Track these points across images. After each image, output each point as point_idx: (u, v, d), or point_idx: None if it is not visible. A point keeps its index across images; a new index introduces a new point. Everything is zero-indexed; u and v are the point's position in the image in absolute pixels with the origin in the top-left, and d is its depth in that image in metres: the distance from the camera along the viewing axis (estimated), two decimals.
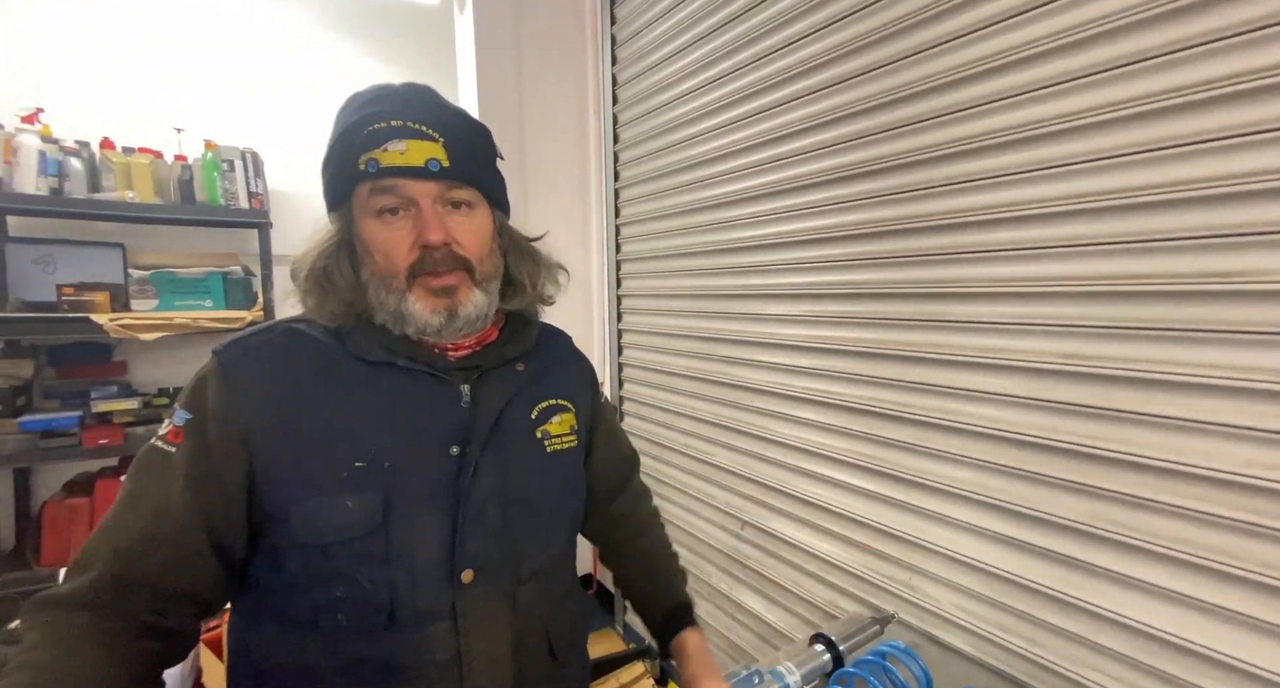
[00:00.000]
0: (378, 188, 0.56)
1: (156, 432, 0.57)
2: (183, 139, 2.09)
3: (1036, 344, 0.83)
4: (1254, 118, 0.63)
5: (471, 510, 0.59)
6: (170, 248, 2.17)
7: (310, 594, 0.55)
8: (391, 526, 0.56)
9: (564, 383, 0.73)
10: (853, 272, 1.10)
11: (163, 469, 0.54)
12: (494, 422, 0.63)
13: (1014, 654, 0.88)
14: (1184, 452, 0.70)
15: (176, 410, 0.57)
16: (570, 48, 1.95)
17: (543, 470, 0.67)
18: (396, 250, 0.57)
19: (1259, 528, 0.65)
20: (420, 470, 0.58)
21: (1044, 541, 0.84)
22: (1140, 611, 0.74)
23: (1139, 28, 0.71)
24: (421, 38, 2.64)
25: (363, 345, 0.60)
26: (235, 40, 2.26)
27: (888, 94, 1.00)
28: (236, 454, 0.55)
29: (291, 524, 0.54)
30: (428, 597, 0.57)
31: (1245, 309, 0.65)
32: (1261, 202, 0.63)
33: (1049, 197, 0.80)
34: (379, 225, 0.58)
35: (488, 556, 0.60)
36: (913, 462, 1.01)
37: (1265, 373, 0.64)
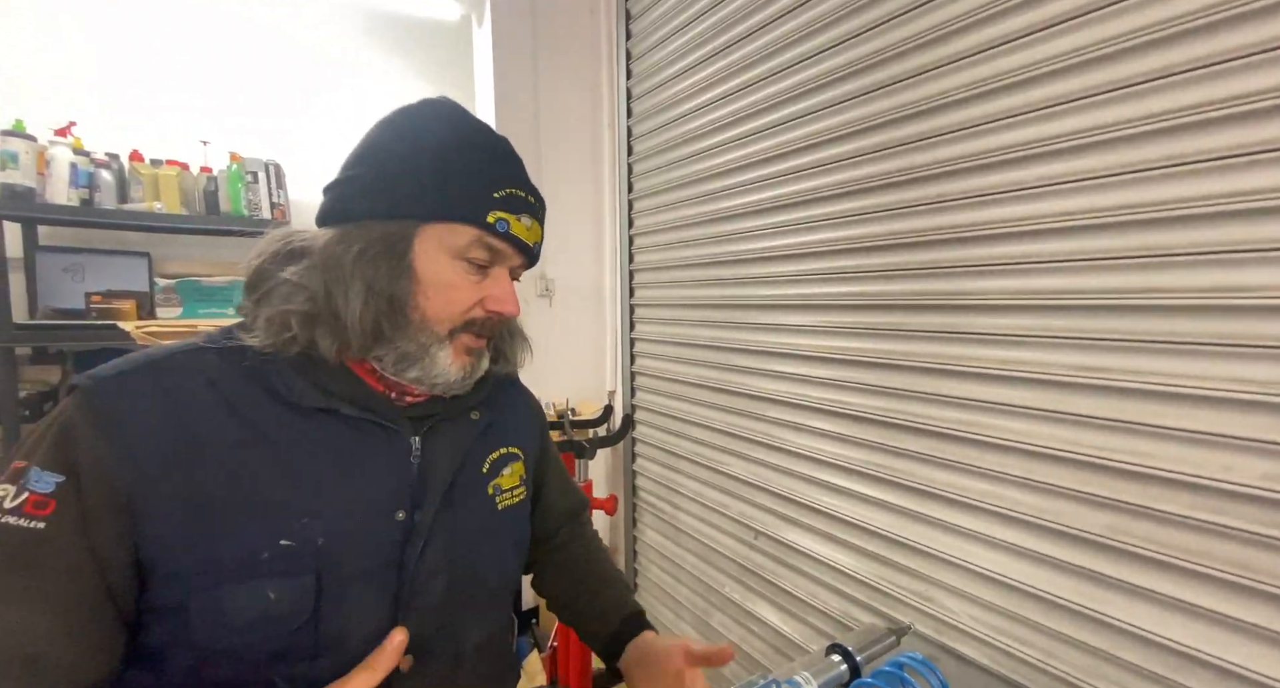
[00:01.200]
0: (488, 243, 0.52)
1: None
2: (208, 151, 2.15)
3: (1051, 357, 0.84)
4: (1263, 137, 0.64)
5: (415, 587, 0.51)
6: (195, 257, 2.22)
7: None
8: (323, 612, 0.46)
9: (515, 427, 0.68)
10: (867, 283, 1.11)
11: (25, 559, 0.40)
12: (451, 481, 0.56)
13: (1031, 667, 0.87)
14: (1201, 465, 0.70)
15: (31, 470, 0.42)
16: (586, 61, 1.99)
17: (493, 534, 0.61)
18: (461, 301, 0.53)
19: (1278, 541, 0.65)
20: (362, 543, 0.49)
21: (1061, 553, 0.84)
22: (1158, 624, 0.74)
23: (1148, 48, 0.72)
24: (441, 51, 2.70)
25: (296, 387, 0.49)
26: (259, 55, 2.33)
27: (903, 109, 1.02)
28: (117, 529, 0.42)
29: (189, 620, 0.43)
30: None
31: (1260, 323, 0.66)
32: (1275, 218, 0.64)
33: (1064, 211, 0.81)
34: (459, 269, 0.52)
35: (428, 637, 0.52)
36: (927, 473, 1.02)
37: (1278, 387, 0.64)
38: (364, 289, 0.49)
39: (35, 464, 0.42)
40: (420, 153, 0.52)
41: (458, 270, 0.52)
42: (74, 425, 0.43)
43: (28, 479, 0.42)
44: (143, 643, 0.45)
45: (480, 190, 0.51)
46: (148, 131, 2.13)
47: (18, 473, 0.42)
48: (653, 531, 1.86)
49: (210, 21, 2.24)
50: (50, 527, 0.41)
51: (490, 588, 0.60)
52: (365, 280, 0.49)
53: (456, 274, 0.52)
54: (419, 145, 0.52)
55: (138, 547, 0.43)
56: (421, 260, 0.51)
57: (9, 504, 0.41)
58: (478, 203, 0.51)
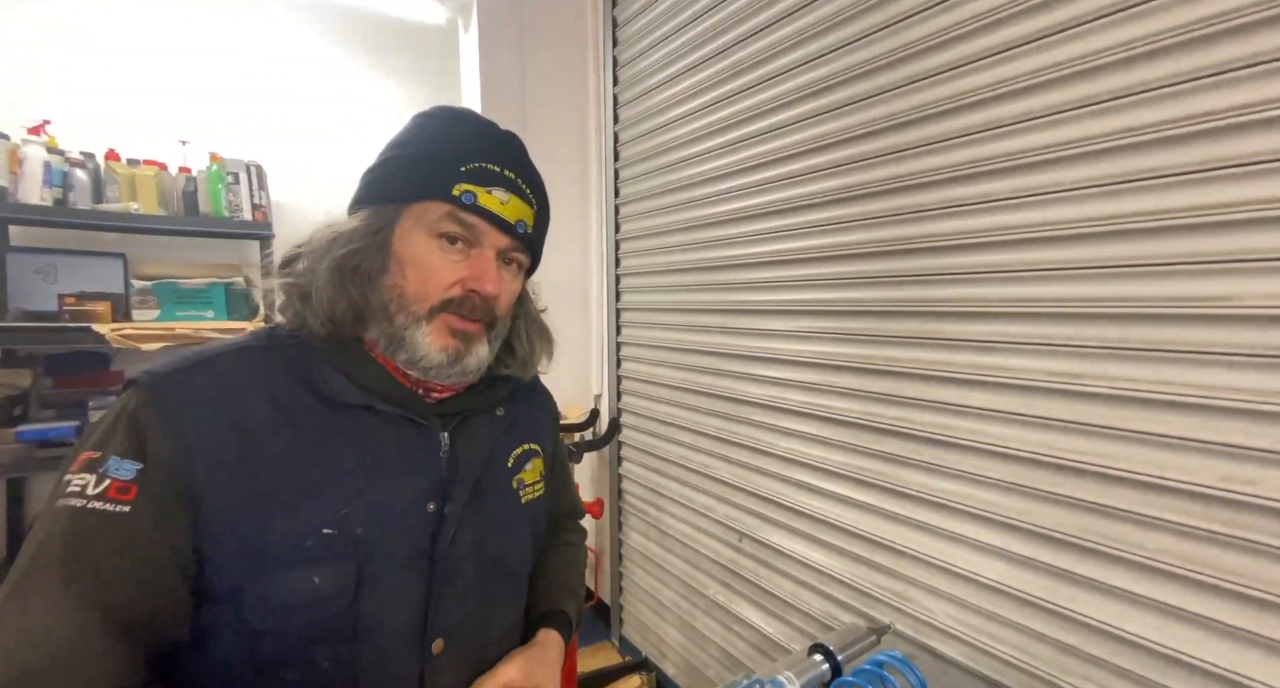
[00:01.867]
0: (457, 216, 0.53)
1: (68, 491, 0.44)
2: (188, 152, 2.12)
3: (1026, 362, 0.87)
4: (1235, 152, 0.68)
5: (447, 574, 0.55)
6: (173, 259, 2.18)
7: (253, 683, 0.48)
8: (363, 597, 0.50)
9: (535, 424, 0.70)
10: (850, 290, 1.14)
11: (115, 541, 0.43)
12: (479, 475, 0.59)
13: (1007, 664, 0.90)
14: (1166, 467, 0.74)
15: (110, 459, 0.45)
16: (572, 67, 2.00)
17: (516, 526, 0.64)
18: (438, 278, 0.53)
19: (1237, 540, 0.68)
20: (396, 533, 0.52)
21: (1034, 552, 0.86)
22: (1127, 620, 0.77)
23: (1128, 64, 0.75)
24: (428, 55, 2.68)
25: (335, 385, 0.52)
26: (241, 55, 2.30)
27: (886, 120, 1.04)
28: (183, 516, 0.46)
29: (243, 604, 0.46)
30: (395, 672, 0.52)
31: (1225, 332, 0.69)
32: (1243, 230, 0.67)
33: (1040, 221, 0.84)
34: (433, 246, 0.53)
35: (459, 622, 0.56)
36: (908, 475, 1.04)
37: (1243, 392, 0.67)
38: (332, 267, 0.52)
39: (113, 454, 0.45)
40: (408, 144, 0.55)
41: (433, 248, 0.53)
42: (143, 418, 0.46)
43: (107, 468, 0.45)
44: (195, 622, 0.48)
45: (447, 165, 0.53)
46: (125, 131, 2.08)
47: (94, 463, 0.45)
48: (638, 534, 1.87)
49: (191, 20, 2.20)
50: (134, 510, 0.44)
51: (514, 577, 0.64)
52: (335, 259, 0.52)
53: (432, 252, 0.53)
54: (411, 138, 0.56)
55: (196, 533, 0.46)
56: (400, 240, 0.53)
57: (92, 491, 0.44)
58: (444, 177, 0.52)
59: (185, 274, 2.10)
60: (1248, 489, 0.67)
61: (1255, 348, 0.67)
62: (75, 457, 0.46)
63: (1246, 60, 0.66)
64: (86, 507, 0.43)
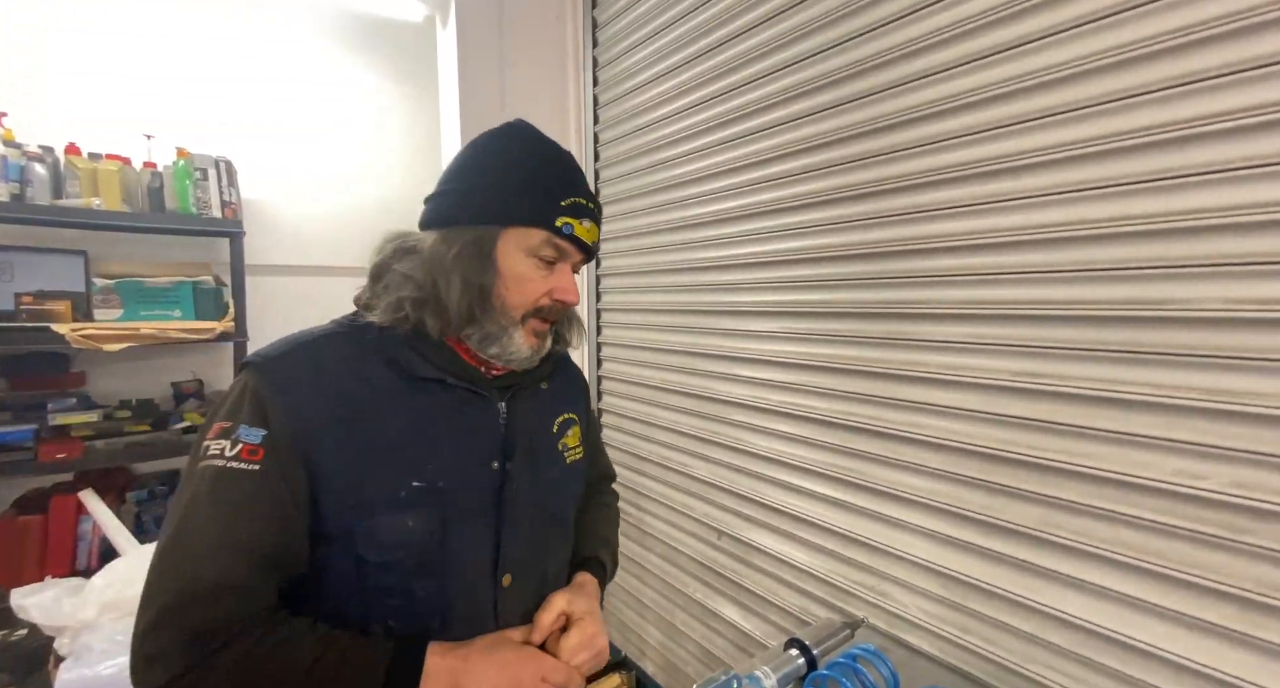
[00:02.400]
0: (555, 243, 0.64)
1: (209, 454, 0.55)
2: (153, 146, 2.05)
3: (992, 362, 0.90)
4: (1189, 161, 0.71)
5: (511, 521, 0.66)
6: (138, 256, 2.11)
7: (361, 608, 0.59)
8: (449, 537, 0.61)
9: (573, 396, 0.81)
10: (826, 291, 1.16)
11: (250, 492, 0.54)
12: (533, 438, 0.70)
13: (975, 655, 0.93)
14: (1122, 462, 0.77)
15: (240, 428, 0.56)
16: (552, 67, 2.00)
17: (564, 482, 0.75)
18: (533, 291, 0.64)
19: (1188, 532, 0.72)
20: (468, 486, 0.63)
21: (1000, 546, 0.90)
22: (1087, 610, 0.81)
23: (1093, 74, 0.79)
24: (404, 52, 2.65)
25: (414, 362, 0.63)
26: (209, 46, 2.24)
27: (860, 126, 1.07)
28: (301, 475, 0.56)
29: (355, 542, 0.57)
30: (477, 599, 0.63)
31: (1177, 333, 0.73)
32: (1194, 237, 0.71)
33: (1006, 227, 0.87)
34: (531, 264, 0.63)
35: (523, 560, 0.67)
36: (881, 472, 1.07)
37: (1194, 391, 0.71)
38: (461, 281, 0.61)
39: (242, 423, 0.56)
40: (503, 170, 0.64)
41: (530, 266, 0.63)
42: (262, 393, 0.56)
43: (238, 435, 0.55)
44: (312, 559, 0.58)
45: (550, 200, 0.62)
46: (86, 124, 2.02)
47: (227, 431, 0.56)
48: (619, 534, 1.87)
49: (158, 9, 2.14)
50: (262, 468, 0.54)
51: (563, 526, 0.75)
52: (462, 274, 0.61)
53: (530, 269, 0.63)
54: (501, 162, 0.64)
55: (313, 486, 0.56)
56: (503, 258, 0.63)
57: (229, 453, 0.54)
58: (548, 210, 0.62)
59: (151, 272, 2.03)
60: (1198, 483, 0.71)
61: (1205, 349, 0.70)
62: (210, 426, 0.57)
63: (1197, 75, 0.69)
64: (225, 466, 0.54)
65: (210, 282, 2.12)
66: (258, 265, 2.34)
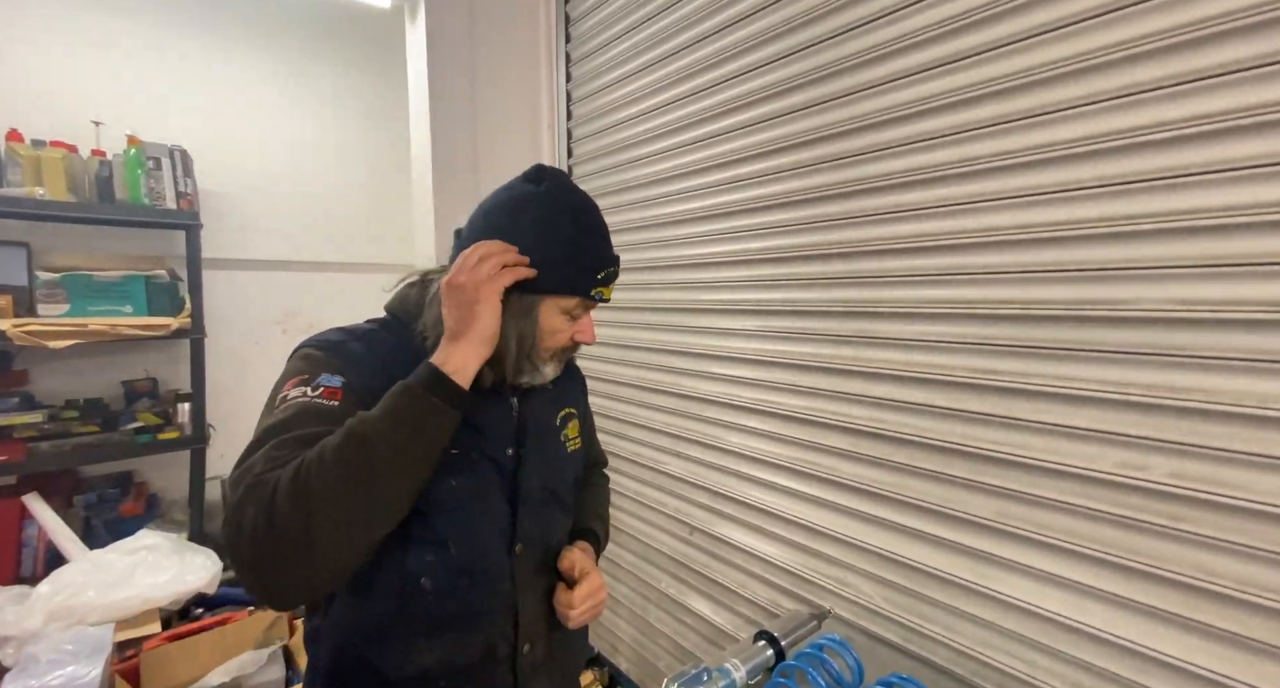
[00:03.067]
0: (586, 305, 0.74)
1: (292, 393, 0.62)
2: (102, 133, 1.96)
3: (953, 360, 0.93)
4: (1137, 168, 0.75)
5: (524, 499, 0.75)
6: (86, 249, 2.01)
7: (402, 560, 0.66)
8: (474, 506, 0.71)
9: (573, 394, 0.91)
10: (796, 290, 1.18)
11: (332, 420, 0.59)
12: (540, 430, 0.79)
13: (934, 641, 0.96)
14: (1071, 455, 0.81)
15: (321, 376, 0.63)
16: (525, 62, 1.97)
17: (566, 468, 0.85)
18: (562, 339, 0.74)
19: (1131, 521, 0.76)
20: (490, 466, 0.73)
21: (959, 536, 0.93)
22: (1039, 597, 0.84)
23: (1051, 82, 0.82)
24: (371, 42, 2.58)
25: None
26: (165, 29, 2.14)
27: (830, 128, 1.09)
28: None
29: None
30: (495, 565, 0.72)
31: (1121, 332, 0.76)
32: (1141, 240, 0.75)
33: (968, 229, 0.91)
34: (562, 320, 0.73)
35: (533, 533, 0.76)
36: (846, 467, 1.10)
37: (1136, 387, 0.75)
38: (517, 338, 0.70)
39: (322, 372, 0.63)
40: (543, 237, 0.69)
41: (562, 321, 0.73)
42: (330, 357, 0.66)
43: (319, 381, 0.63)
44: None
45: (587, 273, 0.72)
46: (29, 109, 1.91)
47: (306, 381, 0.63)
48: None
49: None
50: (341, 406, 0.61)
51: (565, 505, 0.84)
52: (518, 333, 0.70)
53: (561, 323, 0.73)
54: (541, 230, 0.70)
55: None
56: (543, 318, 0.72)
57: (312, 393, 0.62)
58: (585, 283, 0.72)
59: (99, 266, 1.94)
60: (1139, 474, 0.75)
61: (1147, 347, 0.74)
62: (283, 385, 0.64)
63: (1145, 86, 0.73)
64: (313, 400, 0.61)
65: (164, 276, 2.04)
66: (216, 259, 2.26)
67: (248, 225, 2.38)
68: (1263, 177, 0.66)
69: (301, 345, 0.68)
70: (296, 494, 0.52)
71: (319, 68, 2.50)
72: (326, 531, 0.53)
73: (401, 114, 1.94)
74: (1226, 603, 0.69)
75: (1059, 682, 0.83)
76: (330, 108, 2.56)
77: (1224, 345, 0.69)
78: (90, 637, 1.42)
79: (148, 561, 1.69)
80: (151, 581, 1.64)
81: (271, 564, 0.53)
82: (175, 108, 2.17)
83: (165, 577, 1.66)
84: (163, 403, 2.17)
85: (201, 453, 2.16)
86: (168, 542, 1.79)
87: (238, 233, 2.36)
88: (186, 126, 2.15)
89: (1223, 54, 0.68)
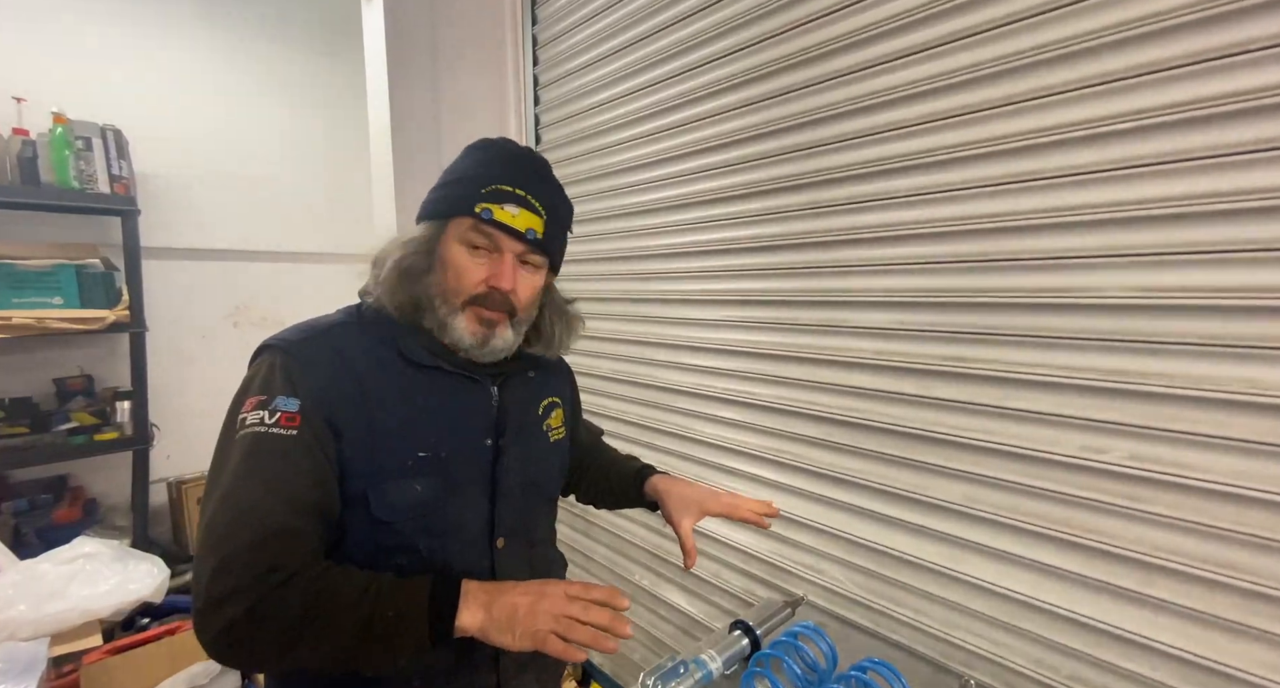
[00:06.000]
0: (478, 228, 0.67)
1: (248, 423, 0.60)
2: (24, 110, 1.80)
3: (920, 348, 0.94)
4: (1097, 158, 0.76)
5: (503, 491, 0.73)
6: (9, 236, 1.86)
7: (372, 565, 0.62)
8: (449, 503, 0.68)
9: (557, 383, 0.88)
10: (764, 280, 1.18)
11: (291, 453, 0.59)
12: (520, 420, 0.76)
13: (905, 625, 0.98)
14: (1035, 439, 0.83)
15: (276, 399, 0.61)
16: (490, 44, 1.91)
17: (548, 458, 0.82)
18: (468, 278, 0.68)
19: (1092, 502, 0.78)
20: (466, 459, 0.70)
21: (928, 521, 0.95)
22: (1004, 577, 0.87)
23: (1013, 73, 0.83)
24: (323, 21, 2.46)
25: (415, 350, 0.69)
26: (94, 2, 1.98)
27: (796, 117, 1.08)
28: (328, 440, 0.62)
29: (370, 503, 0.63)
30: (473, 560, 0.70)
31: (1081, 319, 0.78)
32: (1097, 229, 0.76)
33: (934, 218, 0.91)
34: (463, 252, 0.68)
35: (514, 526, 0.74)
36: (817, 454, 1.10)
37: (1097, 372, 0.77)
38: (393, 268, 0.69)
39: (278, 395, 0.61)
40: (453, 171, 0.72)
41: (464, 253, 0.68)
42: (291, 367, 0.62)
43: (275, 404, 0.60)
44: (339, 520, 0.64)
45: (472, 189, 0.67)
46: None
47: (263, 403, 0.60)
48: (565, 526, 1.85)
49: None
50: (299, 434, 0.60)
51: (548, 496, 0.83)
52: (395, 262, 0.69)
53: (463, 257, 0.68)
54: (455, 166, 0.72)
55: (338, 452, 0.62)
56: (443, 248, 0.69)
57: (269, 420, 0.59)
58: (470, 199, 0.67)
59: (24, 254, 1.80)
60: (1100, 457, 0.77)
61: (1106, 333, 0.76)
62: (243, 401, 0.62)
63: (1112, 75, 0.74)
64: (269, 432, 0.59)
65: (98, 265, 1.90)
66: (157, 248, 2.12)
67: (192, 212, 2.24)
68: (1215, 167, 0.68)
69: (263, 347, 0.66)
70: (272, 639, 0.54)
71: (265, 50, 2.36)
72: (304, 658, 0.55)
73: (360, 99, 1.85)
74: (1182, 579, 0.72)
75: (1022, 659, 0.85)
76: (280, 88, 2.42)
77: (1180, 331, 0.71)
78: (22, 653, 1.32)
79: (86, 570, 1.58)
80: (90, 591, 1.53)
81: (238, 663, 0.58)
82: (107, 84, 2.02)
83: (106, 586, 1.56)
84: (99, 402, 2.03)
85: (145, 454, 2.04)
86: (108, 549, 1.67)
87: (181, 220, 2.22)
88: (120, 105, 2.00)
89: (1177, 47, 0.69)
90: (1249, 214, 0.66)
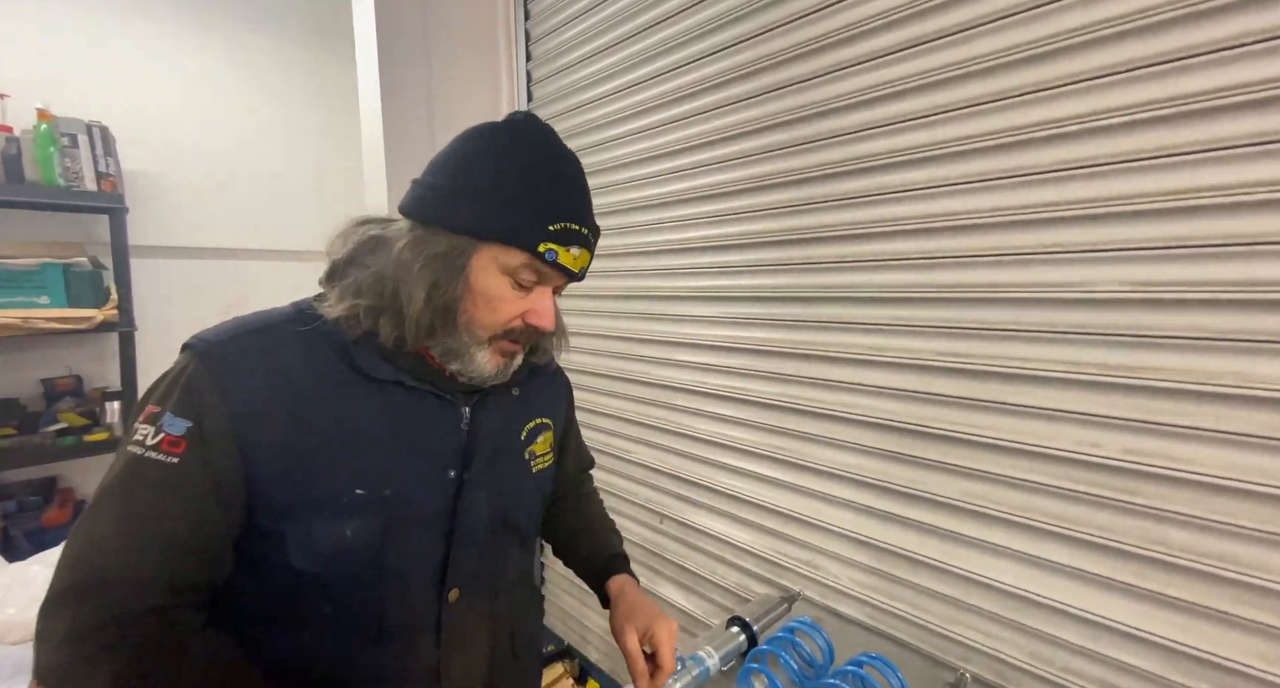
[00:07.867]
0: (535, 267, 0.57)
1: (134, 438, 0.52)
2: (8, 106, 1.77)
3: (917, 343, 0.94)
4: (1090, 153, 0.76)
5: (463, 531, 0.62)
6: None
7: (295, 608, 0.56)
8: (387, 549, 0.57)
9: (548, 401, 0.78)
10: (761, 276, 1.18)
11: (163, 486, 0.51)
12: (494, 448, 0.66)
13: (902, 620, 0.98)
14: (1031, 434, 0.83)
15: (165, 415, 0.52)
16: (482, 38, 1.89)
17: (527, 492, 0.71)
18: (505, 312, 0.58)
19: (1087, 496, 0.78)
20: (419, 495, 0.59)
21: (925, 516, 0.95)
22: (999, 571, 0.87)
23: (1012, 67, 0.83)
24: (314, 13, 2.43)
25: (371, 361, 0.58)
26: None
27: (794, 112, 1.08)
28: (236, 468, 0.53)
29: (286, 545, 0.54)
30: (415, 613, 0.60)
31: (1075, 314, 0.79)
32: (1095, 224, 0.76)
33: (930, 213, 0.91)
34: (505, 285, 0.57)
35: (474, 573, 0.63)
36: (815, 451, 1.11)
37: (1091, 367, 0.77)
38: (425, 293, 0.55)
39: (169, 411, 0.52)
40: (496, 175, 0.56)
41: (505, 286, 0.57)
42: (197, 380, 0.52)
43: (162, 423, 0.51)
44: (248, 557, 0.55)
45: (536, 222, 0.55)
46: None
47: (154, 416, 0.52)
48: None
49: None
50: (181, 462, 0.51)
51: (523, 535, 0.71)
52: (427, 286, 0.55)
53: (504, 289, 0.57)
54: (495, 166, 0.56)
55: (248, 481, 0.53)
56: (476, 273, 0.56)
57: (149, 442, 0.51)
58: (533, 233, 0.55)
59: (9, 253, 1.77)
60: (1095, 451, 0.77)
61: (1100, 328, 0.76)
62: (143, 406, 0.53)
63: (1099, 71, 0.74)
64: (144, 456, 0.51)
65: (86, 264, 1.87)
66: (145, 246, 2.10)
67: (184, 210, 2.21)
68: (1208, 162, 0.68)
69: (187, 344, 0.55)
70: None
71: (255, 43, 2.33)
72: None
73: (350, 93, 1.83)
74: (1175, 572, 0.72)
75: (1017, 652, 0.86)
76: (271, 83, 2.40)
77: (1174, 325, 0.71)
78: (11, 656, 1.31)
79: None
80: None
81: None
82: (93, 80, 1.99)
83: None
84: (88, 402, 2.00)
85: None
86: None
87: (172, 218, 2.19)
88: (106, 101, 1.97)
89: (1174, 41, 0.69)
90: (1241, 209, 0.67)
